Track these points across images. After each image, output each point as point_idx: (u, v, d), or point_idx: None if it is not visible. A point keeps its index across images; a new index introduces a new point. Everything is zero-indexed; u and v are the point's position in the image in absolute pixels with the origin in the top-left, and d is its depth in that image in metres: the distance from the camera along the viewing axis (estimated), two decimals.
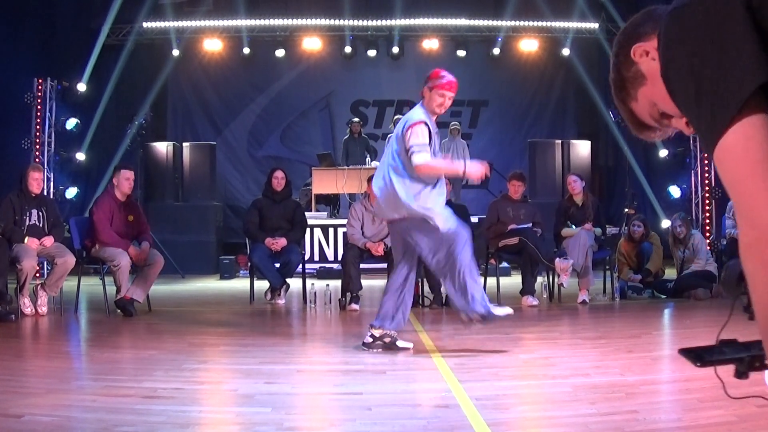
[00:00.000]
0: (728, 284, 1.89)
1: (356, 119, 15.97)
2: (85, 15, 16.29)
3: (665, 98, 1.55)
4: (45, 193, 10.70)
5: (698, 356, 1.61)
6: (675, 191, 15.39)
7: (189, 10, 17.06)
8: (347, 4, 16.78)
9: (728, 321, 1.77)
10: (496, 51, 17.68)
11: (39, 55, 15.09)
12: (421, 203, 5.91)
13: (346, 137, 15.75)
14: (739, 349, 1.62)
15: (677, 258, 10.10)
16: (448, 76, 6.15)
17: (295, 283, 10.00)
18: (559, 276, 9.24)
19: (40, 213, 8.70)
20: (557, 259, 9.19)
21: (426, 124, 5.96)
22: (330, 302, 9.43)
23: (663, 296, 9.83)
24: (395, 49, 17.60)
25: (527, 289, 9.29)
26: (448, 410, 4.21)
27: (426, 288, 9.25)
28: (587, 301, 9.28)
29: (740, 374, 1.60)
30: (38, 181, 8.76)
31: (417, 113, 6.06)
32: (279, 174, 9.89)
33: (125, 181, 8.80)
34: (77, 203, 15.20)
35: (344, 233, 10.88)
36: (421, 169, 5.85)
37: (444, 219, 5.95)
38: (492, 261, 10.02)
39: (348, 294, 9.05)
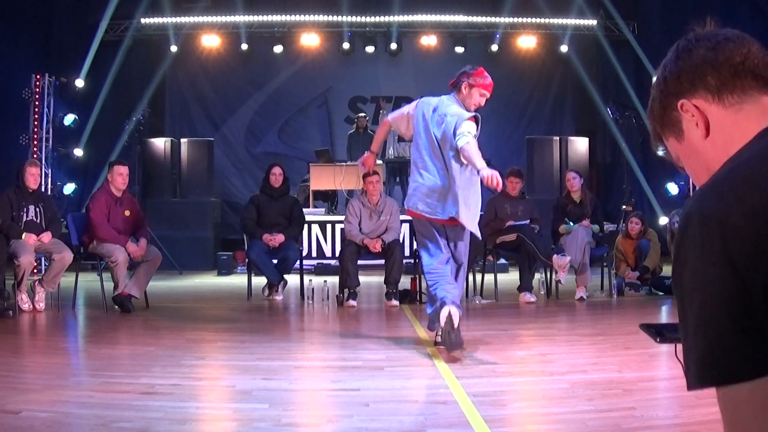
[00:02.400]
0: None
1: (362, 114, 15.93)
2: (83, 11, 16.24)
3: (688, 161, 1.48)
4: (42, 189, 10.67)
5: (659, 332, 1.60)
6: (673, 188, 15.37)
7: (187, 6, 17.03)
8: (345, 0, 16.77)
9: None
10: (495, 47, 17.65)
11: (37, 51, 15.07)
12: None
13: (351, 131, 15.74)
14: None
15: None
16: (490, 78, 6.20)
17: (292, 280, 10.00)
18: (556, 273, 9.25)
19: (38, 209, 8.69)
20: (555, 256, 9.20)
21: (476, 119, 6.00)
22: (327, 298, 9.43)
23: (660, 293, 9.83)
24: (393, 46, 17.58)
25: (525, 285, 9.30)
26: (446, 406, 4.21)
27: (423, 284, 9.24)
28: (585, 297, 9.28)
29: None
30: (35, 177, 8.75)
31: (460, 108, 6.06)
32: (277, 170, 9.88)
33: (119, 177, 8.79)
34: (75, 199, 15.16)
35: (342, 229, 10.86)
36: (464, 151, 5.80)
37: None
38: (490, 257, 10.01)
39: (345, 290, 9.05)
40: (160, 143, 15.31)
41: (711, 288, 1.15)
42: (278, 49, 17.47)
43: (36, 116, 14.32)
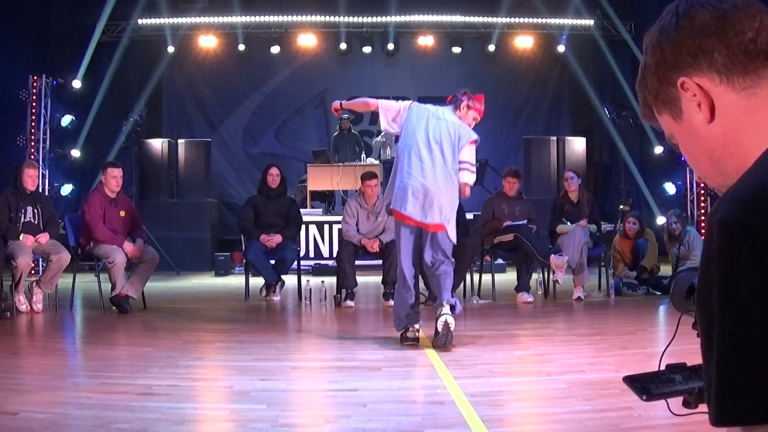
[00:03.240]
0: (677, 298, 1.83)
1: (345, 116, 15.88)
2: (80, 12, 16.25)
3: (686, 144, 1.30)
4: (40, 190, 10.67)
5: (644, 388, 1.49)
6: (670, 188, 15.40)
7: (184, 7, 17.00)
8: (342, 0, 16.76)
9: (673, 339, 1.74)
10: (492, 48, 17.63)
11: (34, 52, 15.06)
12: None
13: (335, 134, 15.73)
14: (688, 376, 1.50)
15: (672, 255, 10.11)
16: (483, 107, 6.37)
17: (290, 280, 10.01)
18: (554, 273, 9.25)
19: (36, 210, 8.69)
20: (552, 256, 9.20)
21: None
22: (325, 299, 9.44)
23: (658, 293, 9.84)
24: (390, 46, 17.58)
25: (522, 285, 9.30)
26: (443, 407, 4.21)
27: (421, 284, 9.25)
28: (582, 297, 9.29)
29: (689, 404, 1.49)
30: (33, 178, 8.74)
31: (469, 128, 6.21)
32: (274, 171, 9.88)
33: (112, 179, 8.77)
34: (72, 200, 15.16)
35: (339, 230, 10.88)
36: (466, 189, 6.05)
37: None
38: (487, 257, 10.01)
39: (343, 291, 9.05)
40: (158, 144, 15.31)
41: (742, 312, 1.01)
42: (275, 49, 17.47)
43: (33, 117, 14.32)
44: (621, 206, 12.30)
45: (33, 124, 14.30)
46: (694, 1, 1.26)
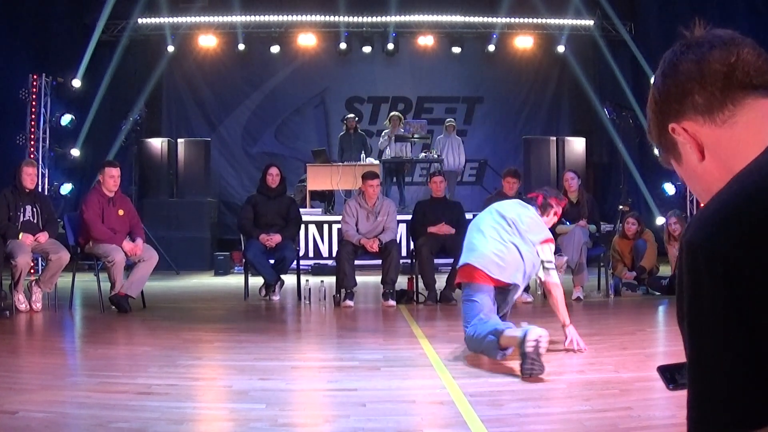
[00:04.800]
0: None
1: (351, 115, 15.95)
2: (80, 11, 16.26)
3: (690, 183, 1.38)
4: (39, 189, 10.66)
5: (672, 378, 1.51)
6: (670, 188, 15.38)
7: (184, 6, 17.02)
8: (342, 0, 16.77)
9: None
10: (491, 48, 17.66)
11: (34, 51, 15.04)
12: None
13: (341, 133, 15.74)
14: None
15: (672, 255, 10.11)
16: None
17: (289, 280, 10.00)
18: None
19: (35, 209, 8.69)
20: None
21: None
22: (324, 299, 9.43)
23: (657, 293, 9.84)
24: (390, 46, 17.59)
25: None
26: (443, 407, 4.21)
27: (420, 284, 9.26)
28: (581, 297, 9.29)
29: None
30: (32, 177, 8.74)
31: (544, 226, 6.04)
32: (273, 170, 9.88)
33: (110, 179, 8.77)
34: (72, 199, 15.15)
35: (339, 230, 10.88)
36: (553, 287, 5.88)
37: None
38: None
39: (342, 290, 9.05)
40: (157, 143, 15.32)
41: (706, 331, 1.06)
42: (275, 49, 17.50)
43: (33, 116, 14.30)
44: (620, 206, 12.31)
45: (33, 123, 14.29)
46: (679, 49, 1.36)
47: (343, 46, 17.49)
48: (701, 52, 1.32)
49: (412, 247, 9.79)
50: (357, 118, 16.16)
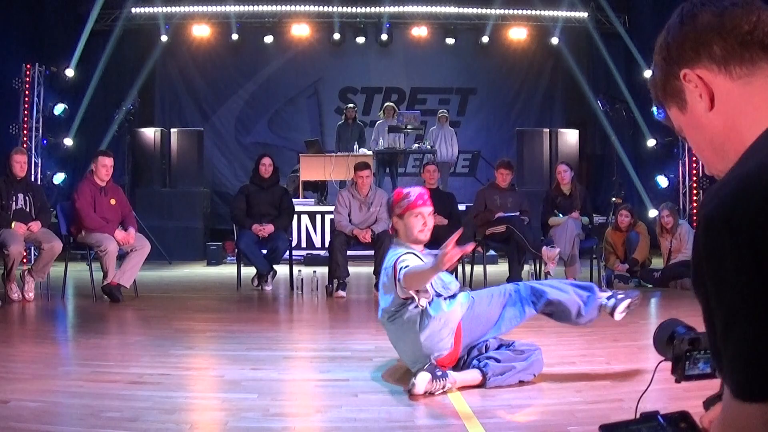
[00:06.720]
0: (659, 343, 1.86)
1: (351, 105, 15.92)
2: (74, 0, 16.21)
3: (691, 134, 1.40)
4: (32, 178, 10.64)
5: None
6: (662, 181, 15.42)
7: None
8: None
9: (649, 387, 1.75)
10: (485, 39, 17.66)
11: (27, 41, 15.01)
12: None
13: (340, 122, 15.74)
14: (655, 428, 1.57)
15: (664, 247, 10.14)
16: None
17: (282, 270, 10.00)
18: (546, 264, 9.26)
19: (27, 198, 8.66)
20: (544, 248, 9.21)
21: None
22: (317, 289, 9.45)
23: (649, 285, 9.86)
24: (384, 36, 17.60)
25: (514, 276, 9.30)
26: (434, 397, 4.22)
27: None
28: None
29: None
30: (21, 164, 8.69)
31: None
32: (266, 160, 9.87)
33: (102, 168, 8.75)
34: (65, 189, 15.10)
35: (331, 220, 10.87)
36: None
37: None
38: (479, 249, 10.02)
39: (335, 281, 9.06)
40: (150, 133, 15.29)
41: (741, 296, 1.08)
42: (269, 39, 17.48)
43: (26, 106, 14.29)
44: (613, 199, 12.35)
45: (26, 112, 14.27)
46: (698, 2, 1.39)
47: (336, 36, 17.48)
48: (723, 5, 1.35)
49: None
50: (356, 108, 16.13)
